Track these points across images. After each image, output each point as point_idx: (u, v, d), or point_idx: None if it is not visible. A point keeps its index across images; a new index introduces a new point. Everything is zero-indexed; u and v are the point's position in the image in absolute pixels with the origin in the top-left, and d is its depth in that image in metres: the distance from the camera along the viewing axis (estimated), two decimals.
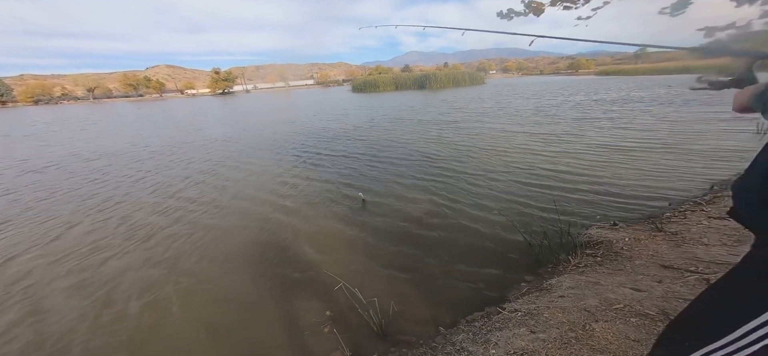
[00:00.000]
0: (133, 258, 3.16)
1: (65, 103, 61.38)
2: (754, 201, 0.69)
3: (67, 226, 3.95)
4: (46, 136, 12.71)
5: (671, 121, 8.37)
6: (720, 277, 0.80)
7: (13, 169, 7.22)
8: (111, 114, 24.56)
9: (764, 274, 0.66)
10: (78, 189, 5.44)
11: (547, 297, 1.95)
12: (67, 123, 18.17)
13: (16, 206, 4.76)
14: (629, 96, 15.48)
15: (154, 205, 4.55)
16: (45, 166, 7.41)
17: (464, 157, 6.19)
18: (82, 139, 11.38)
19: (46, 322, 2.35)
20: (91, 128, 14.93)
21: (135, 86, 73.02)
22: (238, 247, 3.28)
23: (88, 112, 28.97)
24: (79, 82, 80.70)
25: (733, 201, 0.77)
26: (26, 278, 2.89)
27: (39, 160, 8.00)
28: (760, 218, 0.69)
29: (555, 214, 3.39)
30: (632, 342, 1.42)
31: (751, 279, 0.70)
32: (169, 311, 2.42)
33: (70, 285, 2.75)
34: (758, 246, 0.72)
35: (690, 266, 2.00)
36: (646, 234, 2.64)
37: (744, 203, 0.73)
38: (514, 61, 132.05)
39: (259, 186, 5.22)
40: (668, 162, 5.02)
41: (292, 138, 9.60)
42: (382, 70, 68.59)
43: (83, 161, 7.71)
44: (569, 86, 27.34)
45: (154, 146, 9.33)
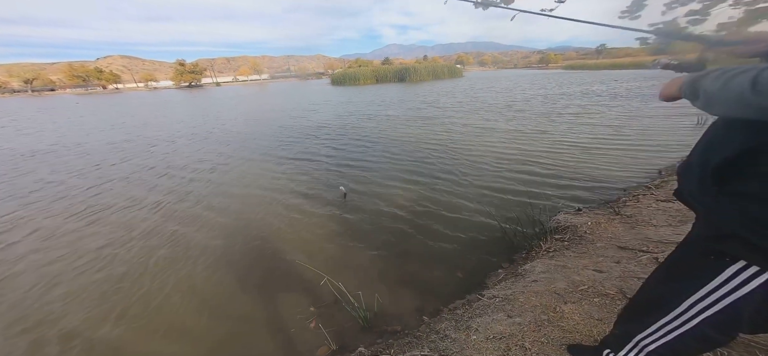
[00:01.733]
0: (106, 253, 2.91)
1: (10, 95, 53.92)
2: (695, 183, 0.75)
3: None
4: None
5: (624, 114, 9.14)
6: (667, 256, 0.88)
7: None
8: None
9: (703, 251, 0.73)
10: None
11: (521, 282, 2.09)
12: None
13: None
14: (588, 90, 16.64)
15: (132, 202, 4.20)
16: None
17: (441, 150, 6.34)
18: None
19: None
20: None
21: (83, 78, 65.75)
22: (218, 246, 3.14)
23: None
24: (14, 73, 71.00)
25: (678, 182, 0.84)
26: None
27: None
28: (699, 198, 0.74)
29: (527, 202, 3.60)
30: (596, 321, 1.57)
31: (693, 256, 0.78)
32: (147, 309, 2.30)
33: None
34: (698, 226, 0.80)
35: (642, 246, 2.24)
36: (605, 218, 2.89)
37: (686, 184, 0.80)
38: (491, 54, 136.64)
39: (237, 183, 5.00)
40: (623, 151, 5.50)
41: (270, 133, 9.24)
42: (362, 62, 67.58)
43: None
44: (539, 81, 28.77)
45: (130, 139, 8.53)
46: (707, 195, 0.70)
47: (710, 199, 0.70)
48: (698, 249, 0.76)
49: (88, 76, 65.91)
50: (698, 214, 0.79)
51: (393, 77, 38.00)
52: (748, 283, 0.64)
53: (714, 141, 0.72)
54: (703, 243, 0.74)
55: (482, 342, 1.57)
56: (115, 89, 64.14)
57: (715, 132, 0.73)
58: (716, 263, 0.69)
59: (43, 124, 13.60)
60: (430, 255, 2.87)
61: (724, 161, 0.65)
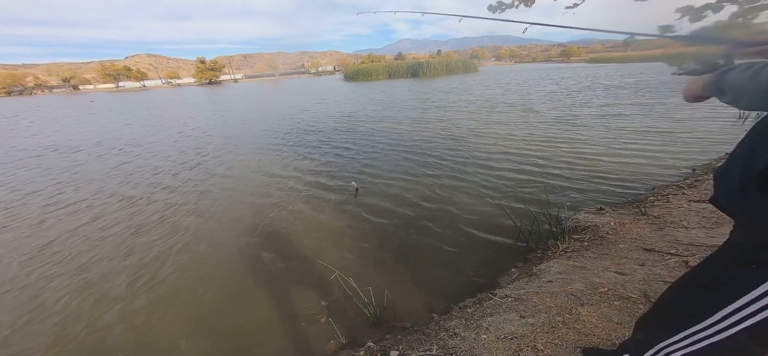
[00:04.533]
0: (120, 251, 3.09)
1: (38, 93, 58.34)
2: (735, 188, 0.71)
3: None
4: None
5: (656, 107, 8.57)
6: (701, 262, 0.83)
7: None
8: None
9: (743, 259, 0.69)
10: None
11: (536, 282, 2.01)
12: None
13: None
14: (616, 83, 15.72)
15: (144, 196, 4.43)
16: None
17: (455, 147, 6.21)
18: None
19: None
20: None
21: (114, 76, 69.81)
22: (232, 240, 3.24)
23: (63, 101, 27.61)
24: (53, 72, 76.69)
25: (715, 187, 0.78)
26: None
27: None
28: (740, 205, 0.70)
29: (545, 200, 3.47)
30: (615, 325, 1.49)
31: (731, 263, 0.73)
32: (162, 303, 2.41)
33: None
34: (737, 232, 0.75)
35: (671, 249, 2.10)
36: (630, 218, 2.73)
37: (724, 190, 0.75)
38: (507, 48, 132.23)
39: (251, 177, 5.14)
40: (653, 147, 5.16)
41: (283, 128, 9.42)
42: (375, 58, 67.32)
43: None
44: (559, 74, 27.52)
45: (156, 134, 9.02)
46: (751, 201, 0.67)
47: (754, 205, 0.66)
48: (738, 257, 0.72)
49: (118, 74, 69.92)
50: (738, 221, 0.75)
51: (406, 72, 37.68)
52: None
53: (758, 144, 0.67)
54: (744, 251, 0.70)
55: (493, 342, 1.53)
56: (143, 87, 67.64)
57: (758, 136, 0.68)
58: (759, 271, 0.65)
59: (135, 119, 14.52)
60: (441, 252, 2.82)
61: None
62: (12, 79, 61.21)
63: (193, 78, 70.70)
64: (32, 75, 73.57)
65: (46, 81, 70.96)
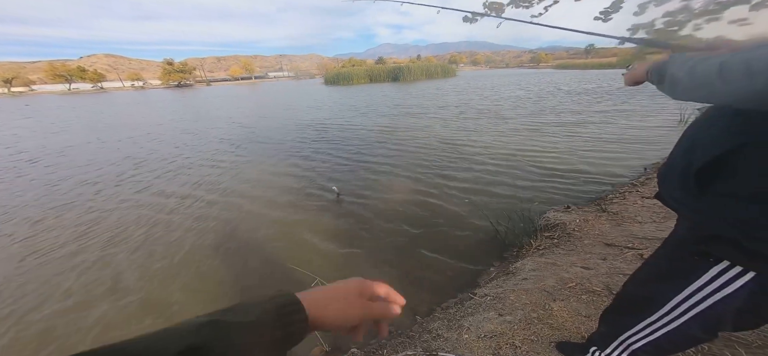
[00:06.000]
0: (86, 258, 2.83)
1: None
2: (676, 185, 0.75)
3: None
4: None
5: (613, 111, 9.36)
6: (650, 256, 0.89)
7: None
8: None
9: (686, 251, 0.74)
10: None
11: (512, 280, 2.12)
12: None
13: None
14: (577, 88, 16.97)
15: (123, 206, 4.08)
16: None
17: (432, 150, 6.37)
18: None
19: None
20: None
21: (66, 77, 63.59)
22: (207, 248, 3.09)
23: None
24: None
25: (658, 185, 0.84)
26: None
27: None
28: (680, 201, 0.75)
29: (518, 201, 3.66)
30: (584, 318, 1.61)
31: (675, 256, 0.79)
32: (137, 312, 2.24)
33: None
34: (680, 226, 0.81)
35: (628, 243, 2.30)
36: (593, 215, 2.96)
37: (666, 187, 0.80)
38: (483, 54, 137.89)
39: (231, 183, 4.92)
40: (611, 148, 5.64)
41: (262, 133, 9.12)
42: (356, 62, 67.22)
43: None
44: (530, 80, 29.13)
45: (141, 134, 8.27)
46: (690, 197, 0.70)
47: (694, 201, 0.70)
48: (682, 250, 0.77)
49: (71, 75, 63.71)
50: (680, 216, 0.80)
51: (386, 77, 38.01)
52: (732, 283, 0.65)
53: (695, 142, 0.71)
54: (687, 244, 0.75)
55: (474, 341, 1.59)
56: (100, 88, 62.18)
57: (696, 133, 0.73)
58: (700, 263, 0.70)
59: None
60: (422, 254, 2.88)
61: (707, 162, 0.65)
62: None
63: (159, 80, 66.19)
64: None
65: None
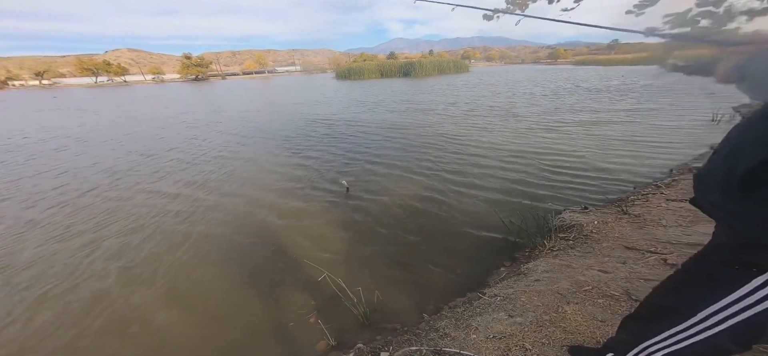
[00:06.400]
0: (110, 250, 2.96)
1: (11, 87, 55.20)
2: (716, 190, 0.70)
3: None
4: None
5: (637, 110, 8.90)
6: (684, 262, 0.83)
7: None
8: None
9: (726, 260, 0.69)
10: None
11: (523, 281, 2.05)
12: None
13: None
14: (598, 85, 16.26)
15: (138, 196, 4.25)
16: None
17: (444, 146, 6.27)
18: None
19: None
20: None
21: (93, 71, 66.70)
22: (219, 240, 3.16)
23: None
24: (25, 65, 72.53)
25: (695, 189, 0.78)
26: None
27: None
28: (721, 206, 0.70)
29: (531, 200, 3.54)
30: (599, 322, 1.53)
31: (714, 264, 0.73)
32: (150, 303, 2.32)
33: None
34: (720, 233, 0.75)
35: (650, 247, 2.17)
36: (612, 216, 2.82)
37: (705, 191, 0.75)
38: (498, 49, 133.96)
39: (240, 175, 5.01)
40: (634, 148, 5.36)
41: (273, 126, 9.25)
42: (367, 57, 66.98)
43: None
44: (547, 76, 28.18)
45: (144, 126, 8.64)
46: (731, 202, 0.66)
47: (736, 207, 0.65)
48: (720, 258, 0.72)
49: (97, 68, 66.76)
50: (720, 223, 0.74)
51: (398, 72, 37.81)
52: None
53: (739, 146, 0.66)
54: (726, 252, 0.70)
55: (482, 342, 1.54)
56: (123, 82, 64.94)
57: (740, 137, 0.68)
58: (741, 273, 0.66)
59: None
60: (431, 252, 2.84)
61: (753, 167, 0.60)
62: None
63: (178, 74, 68.43)
64: (3, 68, 69.35)
65: (17, 75, 67.07)
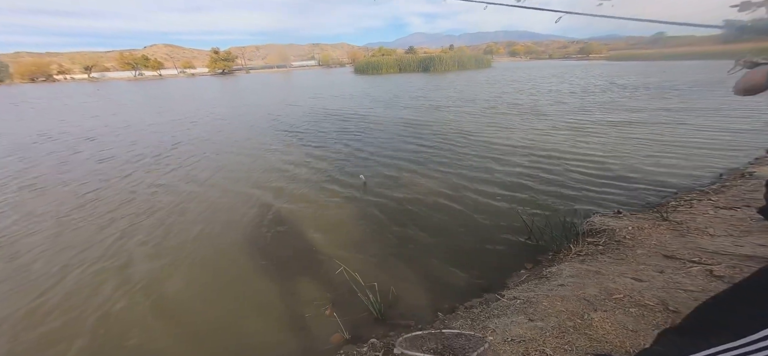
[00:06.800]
0: (128, 241, 3.18)
1: (62, 80, 60.80)
2: None
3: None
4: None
5: (680, 110, 8.15)
6: (746, 277, 0.76)
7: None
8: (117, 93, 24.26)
9: None
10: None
11: (546, 285, 1.94)
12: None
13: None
14: (637, 82, 15.06)
15: (157, 186, 4.55)
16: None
17: (465, 144, 6.09)
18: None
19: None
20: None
21: (133, 65, 71.84)
22: (240, 231, 3.28)
23: (90, 90, 28.62)
24: (76, 61, 79.63)
25: (767, 198, 0.71)
26: None
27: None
28: None
29: (558, 202, 3.35)
30: (630, 332, 1.41)
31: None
32: (168, 292, 2.45)
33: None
34: None
35: (693, 256, 1.98)
36: (650, 223, 2.60)
37: None
38: (523, 44, 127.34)
39: (260, 168, 5.18)
40: (676, 150, 4.92)
41: (292, 119, 9.47)
42: (386, 51, 66.58)
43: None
44: (577, 73, 26.56)
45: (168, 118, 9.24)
46: None
47: None
48: None
49: (136, 63, 71.87)
50: None
51: (417, 67, 37.48)
52: None
53: None
54: None
55: (499, 344, 1.48)
56: (159, 76, 69.42)
57: None
58: None
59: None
60: (449, 250, 2.77)
61: None
62: (36, 67, 63.80)
63: (206, 68, 72.09)
64: (57, 63, 76.57)
65: (68, 69, 73.84)
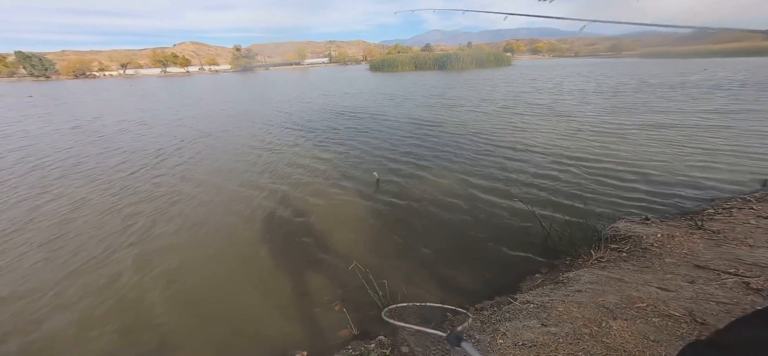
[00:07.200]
0: (149, 234, 3.37)
1: (101, 77, 65.50)
2: None
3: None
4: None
5: (718, 110, 7.51)
6: None
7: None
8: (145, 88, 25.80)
9: None
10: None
11: (562, 290, 1.86)
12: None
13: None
14: (676, 81, 14.02)
15: (178, 181, 4.79)
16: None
17: (485, 144, 5.94)
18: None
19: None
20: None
21: (163, 62, 76.26)
22: (255, 223, 3.38)
23: (125, 84, 30.61)
24: (114, 58, 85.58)
25: None
26: None
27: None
28: None
29: (580, 206, 3.20)
30: (651, 342, 1.33)
31: None
32: (183, 282, 2.54)
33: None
34: None
35: (729, 267, 1.82)
36: (681, 231, 2.43)
37: None
38: (546, 41, 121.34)
39: (274, 162, 5.32)
40: (715, 156, 4.54)
41: (307, 115, 9.64)
42: (401, 49, 66.11)
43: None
44: (605, 71, 25.12)
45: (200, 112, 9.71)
46: None
47: None
48: None
49: (166, 60, 76.18)
50: None
51: (433, 64, 37.15)
52: None
53: None
54: None
55: (509, 348, 1.44)
56: (186, 72, 73.14)
57: None
58: None
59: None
60: (460, 251, 2.73)
61: None
62: (81, 64, 69.61)
63: (229, 65, 75.20)
64: (97, 60, 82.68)
65: (107, 66, 79.52)
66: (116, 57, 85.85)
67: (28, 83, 42.03)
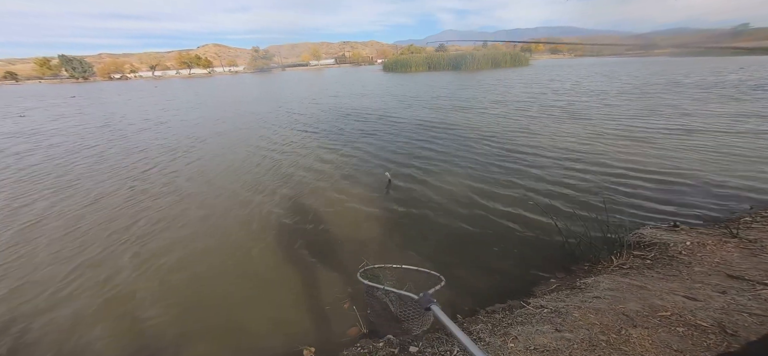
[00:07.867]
0: (161, 227, 3.53)
1: (133, 78, 69.68)
2: None
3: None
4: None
5: (757, 113, 6.93)
6: None
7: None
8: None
9: None
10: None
11: (579, 296, 1.79)
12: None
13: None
14: (711, 81, 13.10)
15: (182, 178, 5.00)
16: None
17: (499, 140, 5.80)
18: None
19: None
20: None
21: (188, 64, 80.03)
22: (266, 220, 3.45)
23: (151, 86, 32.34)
24: (144, 61, 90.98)
25: None
26: None
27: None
28: None
29: (601, 211, 3.06)
30: (674, 352, 1.25)
31: None
32: (191, 278, 2.60)
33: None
34: None
35: (766, 278, 1.68)
36: (714, 239, 2.27)
37: None
38: (568, 40, 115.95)
39: (285, 161, 5.43)
40: (754, 163, 4.19)
41: (319, 115, 9.78)
42: (415, 49, 65.71)
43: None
44: (630, 70, 23.86)
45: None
46: None
47: None
48: None
49: (191, 62, 79.93)
50: None
51: (446, 65, 36.60)
52: None
53: None
54: None
55: (521, 352, 1.40)
56: (209, 73, 76.41)
57: None
58: None
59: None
60: (472, 253, 2.68)
61: None
62: (115, 66, 74.92)
63: (247, 66, 78.10)
64: (129, 63, 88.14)
65: (137, 68, 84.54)
66: (145, 59, 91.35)
67: (68, 85, 45.36)
